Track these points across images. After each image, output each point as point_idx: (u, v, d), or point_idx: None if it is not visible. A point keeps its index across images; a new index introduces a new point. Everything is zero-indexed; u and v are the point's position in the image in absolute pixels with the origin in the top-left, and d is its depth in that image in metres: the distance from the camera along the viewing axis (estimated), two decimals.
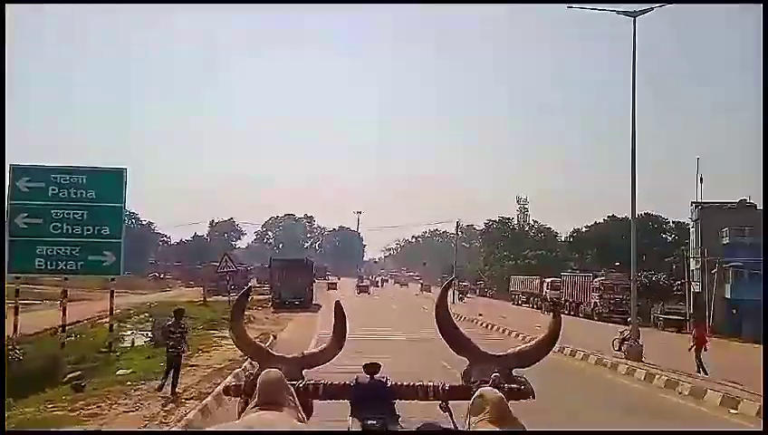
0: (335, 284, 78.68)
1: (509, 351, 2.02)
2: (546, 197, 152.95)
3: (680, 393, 14.72)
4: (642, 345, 19.18)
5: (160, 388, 11.81)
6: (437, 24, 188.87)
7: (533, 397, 1.89)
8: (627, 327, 22.53)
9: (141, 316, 32.15)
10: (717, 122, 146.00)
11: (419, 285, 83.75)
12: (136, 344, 20.16)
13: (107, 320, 32.99)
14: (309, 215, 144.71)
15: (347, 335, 2.20)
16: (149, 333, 21.02)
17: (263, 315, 34.21)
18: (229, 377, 12.92)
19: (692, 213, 57.17)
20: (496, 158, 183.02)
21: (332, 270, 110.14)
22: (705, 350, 18.41)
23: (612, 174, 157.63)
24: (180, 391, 11.92)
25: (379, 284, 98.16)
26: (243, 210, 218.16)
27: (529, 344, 2.07)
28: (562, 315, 2.33)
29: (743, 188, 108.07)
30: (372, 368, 2.10)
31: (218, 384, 12.19)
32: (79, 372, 14.08)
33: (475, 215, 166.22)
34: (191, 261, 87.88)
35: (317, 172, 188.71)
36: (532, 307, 53.26)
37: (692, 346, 18.71)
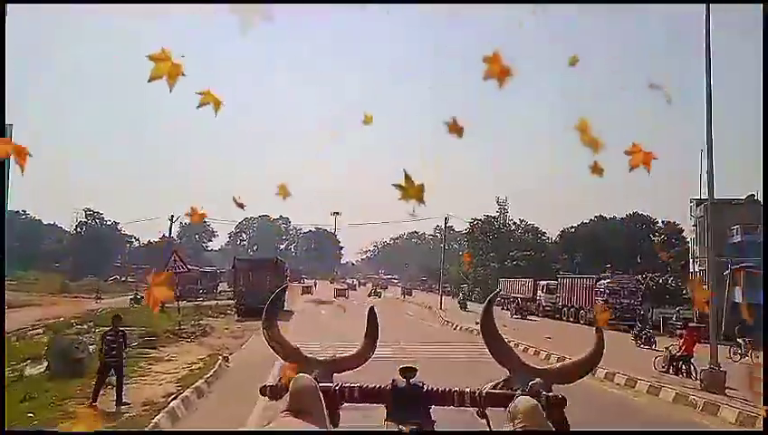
0: (310, 287, 73.87)
1: (550, 366, 1.73)
2: (530, 196, 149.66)
3: None
4: (725, 371, 14.46)
5: (94, 398, 11.57)
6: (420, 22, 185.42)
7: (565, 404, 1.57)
8: (674, 342, 18.32)
9: (84, 327, 27.51)
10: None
11: (400, 289, 79.35)
12: (27, 374, 14.60)
13: (42, 330, 28.36)
14: (285, 216, 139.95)
15: (378, 340, 1.81)
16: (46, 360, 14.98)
17: (223, 325, 29.27)
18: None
19: (692, 210, 53.60)
20: (477, 158, 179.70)
21: (308, 273, 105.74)
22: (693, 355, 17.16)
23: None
24: None
25: (356, 287, 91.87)
26: (215, 209, 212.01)
27: (572, 361, 1.75)
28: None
29: (743, 183, 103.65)
30: (409, 372, 1.71)
31: None
32: None
33: (455, 216, 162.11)
34: (159, 263, 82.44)
35: (295, 172, 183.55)
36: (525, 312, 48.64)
37: (681, 349, 17.66)
